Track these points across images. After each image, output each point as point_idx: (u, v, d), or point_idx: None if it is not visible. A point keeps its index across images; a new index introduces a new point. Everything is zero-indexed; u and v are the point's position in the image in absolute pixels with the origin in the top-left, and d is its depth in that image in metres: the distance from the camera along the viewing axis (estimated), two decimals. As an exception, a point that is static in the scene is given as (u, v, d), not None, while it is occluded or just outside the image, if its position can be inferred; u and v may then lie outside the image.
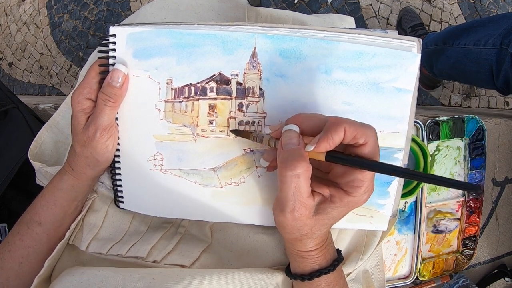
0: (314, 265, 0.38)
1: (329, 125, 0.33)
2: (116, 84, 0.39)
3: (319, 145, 0.32)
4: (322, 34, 0.38)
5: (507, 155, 0.73)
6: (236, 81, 0.40)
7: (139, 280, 0.37)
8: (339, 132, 0.32)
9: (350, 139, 0.33)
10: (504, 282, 0.76)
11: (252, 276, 0.40)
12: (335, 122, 0.32)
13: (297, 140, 0.34)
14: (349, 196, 0.34)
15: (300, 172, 0.32)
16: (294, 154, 0.33)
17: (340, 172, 0.35)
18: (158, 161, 0.43)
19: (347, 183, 0.34)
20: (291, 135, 0.34)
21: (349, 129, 0.32)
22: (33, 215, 0.43)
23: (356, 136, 0.32)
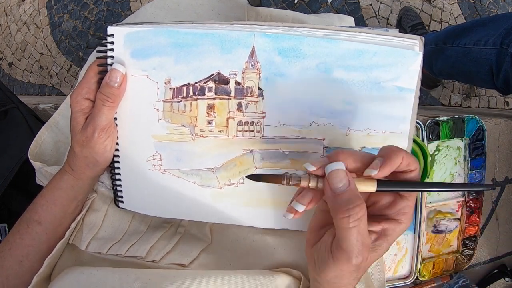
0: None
1: (388, 152, 0.32)
2: (114, 84, 0.39)
3: (383, 170, 0.31)
4: (322, 33, 0.38)
5: (507, 155, 0.73)
6: (234, 81, 0.40)
7: (135, 280, 0.37)
8: (399, 158, 0.32)
9: (404, 165, 0.32)
10: (504, 282, 0.76)
11: (251, 278, 0.39)
12: (393, 149, 0.32)
13: (346, 181, 0.31)
14: (401, 224, 0.34)
15: (361, 215, 0.30)
16: (351, 198, 0.31)
17: (387, 203, 0.35)
18: (157, 161, 0.43)
19: (398, 212, 0.34)
20: (339, 176, 0.31)
21: (406, 157, 0.32)
22: (32, 214, 0.43)
23: (409, 163, 0.32)
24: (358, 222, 0.30)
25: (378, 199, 0.35)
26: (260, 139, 0.41)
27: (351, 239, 0.30)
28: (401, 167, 0.32)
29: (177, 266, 0.44)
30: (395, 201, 0.34)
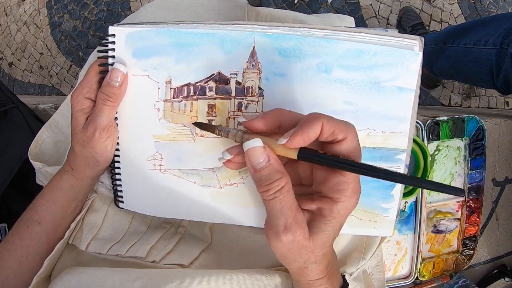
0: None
1: (305, 119, 0.30)
2: (115, 83, 0.39)
3: (293, 139, 0.30)
4: (322, 33, 0.38)
5: (507, 155, 0.73)
6: (235, 81, 0.40)
7: (136, 280, 0.37)
8: (315, 126, 0.29)
9: (328, 135, 0.30)
10: (504, 282, 0.76)
11: (251, 277, 0.39)
12: (312, 116, 0.30)
13: (265, 156, 0.31)
14: (337, 202, 0.31)
15: (281, 186, 0.30)
16: (270, 173, 0.30)
17: (321, 178, 0.33)
18: (157, 161, 0.43)
19: (331, 188, 0.31)
20: (257, 153, 0.31)
21: (327, 124, 0.29)
22: (32, 214, 0.43)
23: (334, 132, 0.30)
24: (279, 193, 0.30)
25: (315, 175, 0.34)
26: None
27: (275, 210, 0.31)
28: (325, 137, 0.30)
29: (177, 266, 0.44)
30: (327, 177, 0.32)
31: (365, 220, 0.43)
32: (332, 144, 0.31)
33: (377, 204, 0.42)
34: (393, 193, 0.42)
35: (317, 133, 0.30)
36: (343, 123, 0.31)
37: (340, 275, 0.39)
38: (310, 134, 0.29)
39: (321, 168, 0.33)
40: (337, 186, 0.31)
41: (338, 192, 0.31)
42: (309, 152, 0.31)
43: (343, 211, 0.32)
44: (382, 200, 0.42)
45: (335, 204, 0.31)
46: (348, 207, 0.32)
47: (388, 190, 0.42)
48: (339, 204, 0.31)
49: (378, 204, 0.42)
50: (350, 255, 0.47)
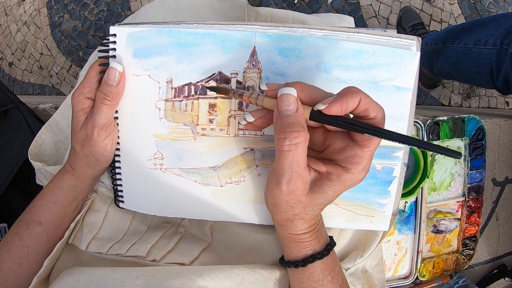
0: (307, 250, 0.37)
1: (345, 91, 0.31)
2: (112, 82, 0.39)
3: (331, 107, 0.30)
4: (322, 33, 0.38)
5: (507, 155, 0.73)
6: (236, 80, 0.40)
7: (137, 277, 0.37)
8: (354, 99, 0.30)
9: (362, 109, 0.31)
10: (504, 282, 0.76)
11: (252, 271, 0.40)
12: (352, 89, 0.31)
13: (294, 106, 0.32)
14: (348, 172, 0.33)
15: (299, 141, 0.31)
16: (293, 122, 0.31)
17: (338, 147, 0.34)
18: (158, 160, 0.43)
19: (346, 158, 0.33)
20: (289, 100, 0.32)
21: (364, 100, 0.30)
22: (33, 215, 0.43)
23: (369, 109, 0.31)
24: (294, 147, 0.31)
25: (331, 142, 0.35)
26: (260, 137, 0.41)
27: (284, 162, 0.31)
28: (358, 110, 0.31)
29: (177, 265, 0.44)
30: (346, 147, 0.33)
31: (363, 215, 0.44)
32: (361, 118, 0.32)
33: (374, 199, 0.43)
34: (390, 189, 0.43)
35: (354, 105, 0.31)
36: (377, 104, 0.32)
37: (327, 234, 0.40)
38: (348, 105, 0.30)
39: (339, 138, 0.34)
40: (353, 158, 0.33)
41: (351, 164, 0.33)
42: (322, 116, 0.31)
43: (349, 181, 0.33)
44: (379, 196, 0.43)
45: (345, 173, 0.33)
46: (354, 180, 0.33)
47: (385, 186, 0.43)
48: (348, 174, 0.33)
49: (375, 199, 0.43)
50: (349, 254, 0.48)
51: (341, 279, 0.40)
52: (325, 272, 0.38)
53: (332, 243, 0.39)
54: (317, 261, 0.37)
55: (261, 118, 0.35)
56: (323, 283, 0.38)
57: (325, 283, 0.38)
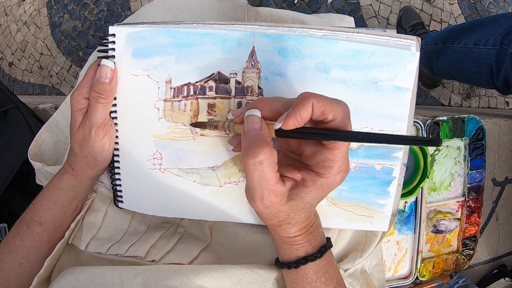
0: (300, 252, 0.37)
1: (297, 101, 0.31)
2: (105, 80, 0.39)
3: (287, 122, 0.31)
4: (321, 33, 0.38)
5: (507, 155, 0.73)
6: (235, 80, 0.40)
7: (136, 276, 0.37)
8: (306, 107, 0.30)
9: (319, 114, 0.31)
10: (504, 282, 0.76)
11: (250, 271, 0.40)
12: (302, 97, 0.31)
13: (259, 125, 0.33)
14: (321, 177, 0.33)
15: (262, 158, 0.31)
16: (255, 140, 0.31)
17: (310, 153, 0.34)
18: (157, 160, 0.43)
19: (317, 164, 0.33)
20: (252, 120, 0.33)
21: (317, 104, 0.30)
22: (33, 215, 0.43)
23: (324, 111, 0.31)
24: (259, 165, 0.31)
25: (303, 147, 0.35)
26: None
27: (253, 180, 0.32)
28: (315, 116, 0.31)
29: (176, 265, 0.44)
30: (316, 152, 0.33)
31: (362, 216, 0.44)
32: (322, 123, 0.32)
33: (374, 200, 0.43)
34: (389, 190, 0.43)
35: (308, 113, 0.30)
36: (333, 103, 0.31)
37: (324, 236, 0.40)
38: (302, 115, 0.30)
39: (309, 144, 0.34)
40: (324, 162, 0.32)
41: (323, 168, 0.32)
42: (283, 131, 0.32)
43: (326, 186, 0.33)
44: (378, 196, 0.43)
45: (319, 178, 0.33)
46: (331, 183, 0.33)
47: (384, 186, 0.43)
48: (322, 179, 0.33)
49: (375, 200, 0.43)
50: (348, 254, 0.48)
51: (336, 281, 0.40)
52: (319, 273, 0.38)
53: (327, 245, 0.39)
54: (309, 262, 0.37)
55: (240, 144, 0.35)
56: (317, 284, 0.38)
57: (318, 284, 0.38)
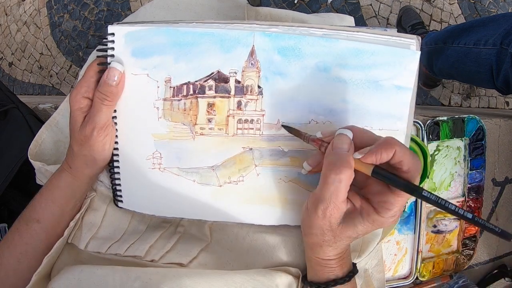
0: (331, 275, 0.39)
1: (382, 142, 0.33)
2: (112, 82, 0.39)
3: (367, 157, 0.33)
4: (321, 32, 0.38)
5: (507, 155, 0.73)
6: (234, 79, 0.40)
7: (136, 279, 0.37)
8: (389, 152, 0.33)
9: (396, 162, 0.33)
10: (504, 282, 0.75)
11: (251, 278, 0.39)
12: (388, 141, 0.33)
13: (348, 146, 0.34)
14: (378, 215, 0.35)
15: (343, 177, 0.33)
16: (342, 159, 0.33)
17: (375, 190, 0.36)
18: (156, 159, 0.43)
19: (379, 202, 0.35)
20: (344, 139, 0.35)
21: (399, 153, 0.33)
22: (31, 213, 0.43)
23: (402, 161, 0.33)
24: (337, 181, 0.33)
25: (370, 182, 0.37)
26: (259, 137, 0.41)
27: (326, 192, 0.34)
28: (393, 162, 0.33)
29: (176, 265, 0.44)
30: (381, 191, 0.35)
31: None
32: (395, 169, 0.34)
33: None
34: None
35: (389, 157, 0.33)
36: (412, 157, 0.34)
37: (351, 261, 0.42)
38: (382, 156, 0.33)
39: (378, 183, 0.36)
40: (385, 203, 0.35)
41: (382, 208, 0.35)
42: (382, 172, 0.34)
43: (377, 223, 0.36)
44: None
45: (375, 214, 0.35)
46: (383, 223, 0.36)
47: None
48: (378, 216, 0.35)
49: None
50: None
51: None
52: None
53: (355, 271, 0.41)
54: (338, 285, 0.39)
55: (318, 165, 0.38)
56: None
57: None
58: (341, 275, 0.39)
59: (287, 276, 0.41)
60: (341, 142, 0.35)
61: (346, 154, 0.34)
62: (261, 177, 0.42)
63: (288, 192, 0.43)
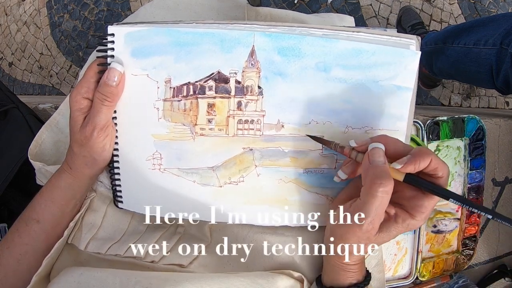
0: (352, 279, 0.40)
1: (418, 152, 0.35)
2: (112, 83, 0.39)
3: (406, 166, 0.35)
4: (321, 32, 0.38)
5: (507, 155, 0.73)
6: (234, 80, 0.40)
7: (135, 284, 0.37)
8: (426, 160, 0.35)
9: (432, 169, 0.35)
10: (504, 282, 0.75)
11: (251, 282, 0.39)
12: (424, 151, 0.35)
13: (383, 159, 0.36)
14: (413, 219, 0.37)
15: (388, 189, 0.34)
16: (384, 172, 0.35)
17: (408, 195, 0.38)
18: (156, 160, 0.43)
19: (413, 206, 0.37)
20: (379, 153, 0.36)
21: (434, 162, 0.35)
22: (31, 213, 0.43)
23: (437, 168, 0.35)
24: (385, 194, 0.34)
25: (402, 189, 0.38)
26: (259, 137, 0.41)
27: (373, 205, 0.35)
28: (428, 169, 0.35)
29: (176, 266, 0.44)
30: (416, 196, 0.37)
31: None
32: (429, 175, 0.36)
33: None
34: None
35: (425, 165, 0.35)
36: (444, 164, 0.36)
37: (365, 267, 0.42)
38: (420, 165, 0.35)
39: (411, 188, 0.38)
40: (419, 207, 0.37)
41: (417, 212, 0.37)
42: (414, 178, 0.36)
43: (411, 226, 0.37)
44: None
45: (410, 219, 0.37)
46: (415, 225, 0.38)
47: None
48: (413, 220, 0.37)
49: None
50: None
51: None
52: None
53: (369, 275, 0.42)
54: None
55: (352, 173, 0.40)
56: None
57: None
58: (361, 279, 0.40)
59: (289, 279, 0.41)
60: (378, 155, 0.36)
61: (386, 166, 0.35)
62: (262, 177, 0.42)
63: (288, 192, 0.43)
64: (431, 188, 0.36)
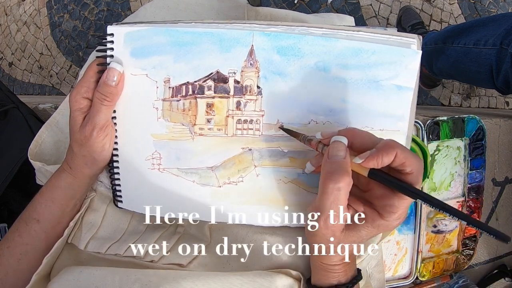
0: (333, 280, 0.39)
1: (382, 145, 0.33)
2: (111, 82, 0.39)
3: (368, 161, 0.33)
4: (321, 32, 0.38)
5: (507, 155, 0.73)
6: (233, 79, 0.40)
7: (135, 281, 0.37)
8: (390, 155, 0.32)
9: (398, 164, 0.33)
10: (504, 282, 0.75)
11: (250, 280, 0.39)
12: (389, 144, 0.33)
13: (344, 153, 0.34)
14: (382, 219, 0.35)
15: (341, 185, 0.33)
16: (339, 167, 0.33)
17: (378, 194, 0.36)
18: (156, 160, 0.43)
19: (383, 206, 0.35)
20: (339, 147, 0.34)
21: (400, 155, 0.32)
22: (31, 213, 0.43)
23: (405, 163, 0.33)
24: (336, 190, 0.33)
25: (371, 187, 0.37)
26: (259, 137, 0.41)
27: (326, 202, 0.33)
28: (395, 164, 0.33)
29: (175, 266, 0.44)
30: (384, 195, 0.35)
31: None
32: (397, 171, 0.34)
33: None
34: None
35: (390, 160, 0.33)
36: (414, 158, 0.33)
37: (356, 268, 0.41)
38: (383, 160, 0.33)
39: (381, 186, 0.36)
40: (389, 207, 0.34)
41: (387, 212, 0.34)
42: (380, 174, 0.34)
43: (382, 227, 0.35)
44: None
45: (379, 219, 0.35)
46: (387, 226, 0.35)
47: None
48: (382, 221, 0.35)
49: None
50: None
51: None
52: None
53: (358, 277, 0.41)
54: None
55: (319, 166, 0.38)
56: None
57: None
58: (344, 281, 0.39)
59: (288, 278, 0.41)
60: (336, 150, 0.34)
61: (343, 161, 0.34)
62: (261, 177, 0.42)
63: (287, 192, 0.43)
64: (395, 184, 0.33)
